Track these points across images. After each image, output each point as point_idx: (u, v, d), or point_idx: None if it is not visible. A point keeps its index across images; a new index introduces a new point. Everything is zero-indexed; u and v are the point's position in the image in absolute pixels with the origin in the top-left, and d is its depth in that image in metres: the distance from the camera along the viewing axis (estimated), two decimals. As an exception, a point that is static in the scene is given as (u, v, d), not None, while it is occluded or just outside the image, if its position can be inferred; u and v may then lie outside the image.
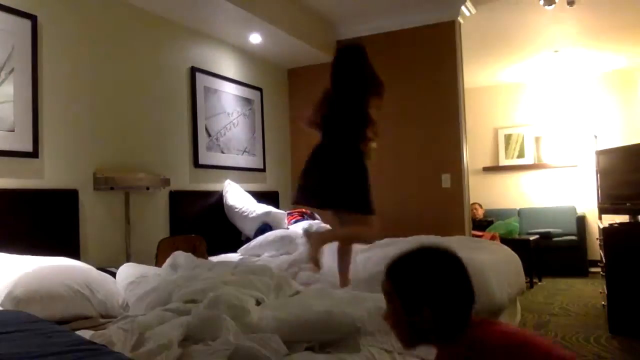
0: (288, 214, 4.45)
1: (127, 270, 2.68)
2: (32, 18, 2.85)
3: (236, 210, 4.12)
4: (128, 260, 3.25)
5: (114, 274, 2.65)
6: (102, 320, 2.14)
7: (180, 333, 1.50)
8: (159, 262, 3.15)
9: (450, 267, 1.26)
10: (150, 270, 2.72)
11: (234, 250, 3.87)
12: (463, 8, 4.58)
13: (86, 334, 1.66)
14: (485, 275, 2.66)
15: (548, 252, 6.36)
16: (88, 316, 2.15)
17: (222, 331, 1.52)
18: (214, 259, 3.30)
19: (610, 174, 4.36)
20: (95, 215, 3.17)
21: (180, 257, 2.74)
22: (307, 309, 1.72)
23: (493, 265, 2.86)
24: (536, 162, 7.29)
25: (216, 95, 4.34)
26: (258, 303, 2.04)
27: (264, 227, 4.02)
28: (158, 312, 1.82)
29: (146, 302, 2.18)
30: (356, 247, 3.55)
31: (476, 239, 4.57)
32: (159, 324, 1.66)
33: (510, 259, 3.42)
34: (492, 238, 5.61)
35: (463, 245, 3.39)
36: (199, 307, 1.77)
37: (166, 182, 3.63)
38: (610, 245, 3.68)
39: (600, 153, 4.66)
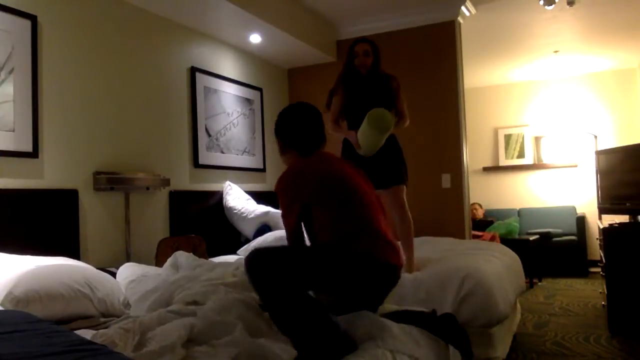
0: (288, 214, 4.44)
1: (127, 270, 2.67)
2: (32, 18, 2.85)
3: (235, 211, 4.12)
4: (128, 260, 3.25)
5: (114, 274, 2.65)
6: (102, 320, 2.14)
7: (183, 334, 1.49)
8: (159, 262, 3.15)
9: (303, 116, 2.11)
10: (150, 270, 2.72)
11: (234, 252, 3.87)
12: (463, 8, 4.58)
13: (87, 333, 1.65)
14: (490, 290, 2.65)
15: (548, 252, 6.36)
16: (89, 315, 2.15)
17: (231, 333, 1.51)
18: (214, 260, 3.30)
19: (610, 174, 4.36)
20: (95, 215, 3.17)
21: (181, 257, 2.74)
22: None
23: (497, 275, 2.85)
24: (536, 162, 7.29)
25: (216, 95, 4.34)
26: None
27: (263, 228, 4.01)
28: (160, 312, 1.82)
29: (148, 302, 2.17)
30: None
31: (478, 241, 4.57)
32: (161, 325, 1.65)
33: (510, 260, 3.42)
34: (492, 238, 5.61)
35: (467, 250, 3.40)
36: (202, 309, 1.75)
37: (166, 182, 3.63)
38: (610, 245, 3.68)
39: (600, 153, 4.66)
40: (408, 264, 3.03)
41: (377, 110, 2.89)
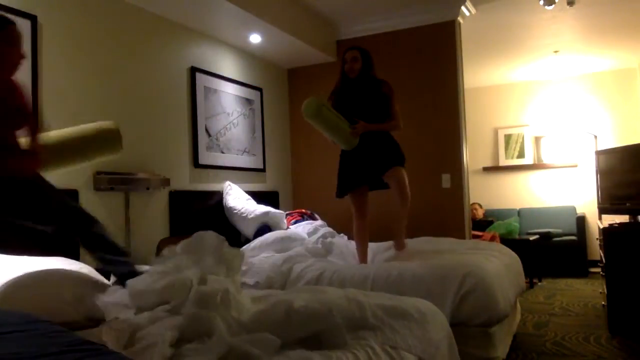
0: (287, 214, 4.45)
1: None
2: (32, 18, 2.85)
3: (235, 212, 4.12)
4: (128, 260, 3.24)
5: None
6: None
7: (174, 334, 1.48)
8: (158, 262, 3.14)
9: None
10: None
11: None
12: (463, 8, 4.58)
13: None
14: (491, 288, 2.66)
15: (548, 252, 6.36)
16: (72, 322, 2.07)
17: (215, 329, 1.50)
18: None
19: (610, 174, 4.36)
20: (95, 215, 3.16)
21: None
22: (284, 303, 1.66)
23: (497, 274, 2.86)
24: (536, 162, 7.29)
25: (216, 95, 4.34)
26: None
27: (263, 228, 4.01)
28: (151, 312, 1.80)
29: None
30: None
31: (478, 241, 4.57)
32: (151, 324, 1.64)
33: (510, 260, 3.43)
34: (492, 238, 5.61)
35: (467, 250, 3.41)
36: (186, 306, 1.73)
37: (166, 182, 3.63)
38: (610, 245, 3.68)
39: (600, 153, 4.66)
40: (398, 242, 3.24)
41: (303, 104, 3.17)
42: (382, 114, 3.35)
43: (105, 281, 2.45)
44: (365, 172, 3.31)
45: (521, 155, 7.34)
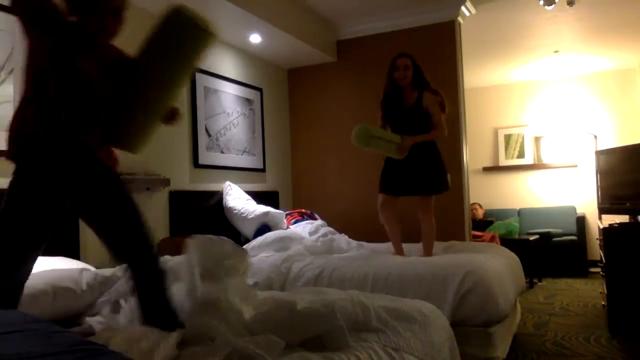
0: (287, 214, 4.44)
1: None
2: (32, 18, 2.85)
3: (235, 212, 4.12)
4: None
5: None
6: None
7: (178, 335, 1.48)
8: (158, 262, 3.14)
9: None
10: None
11: (234, 251, 3.86)
12: (463, 8, 4.58)
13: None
14: (491, 288, 2.67)
15: (548, 252, 6.36)
16: None
17: (217, 334, 1.50)
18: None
19: (610, 174, 4.36)
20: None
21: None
22: (287, 305, 1.67)
23: (497, 274, 2.87)
24: (536, 162, 7.29)
25: (216, 95, 4.34)
26: None
27: (263, 228, 4.01)
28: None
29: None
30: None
31: (477, 242, 4.58)
32: None
33: (510, 261, 3.43)
34: (492, 238, 5.61)
35: (467, 250, 3.42)
36: (190, 311, 1.72)
37: (166, 182, 3.63)
38: (610, 245, 3.68)
39: (600, 153, 4.66)
40: (427, 252, 3.45)
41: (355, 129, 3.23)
42: (428, 123, 3.42)
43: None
44: (405, 187, 3.45)
45: (521, 155, 7.34)
